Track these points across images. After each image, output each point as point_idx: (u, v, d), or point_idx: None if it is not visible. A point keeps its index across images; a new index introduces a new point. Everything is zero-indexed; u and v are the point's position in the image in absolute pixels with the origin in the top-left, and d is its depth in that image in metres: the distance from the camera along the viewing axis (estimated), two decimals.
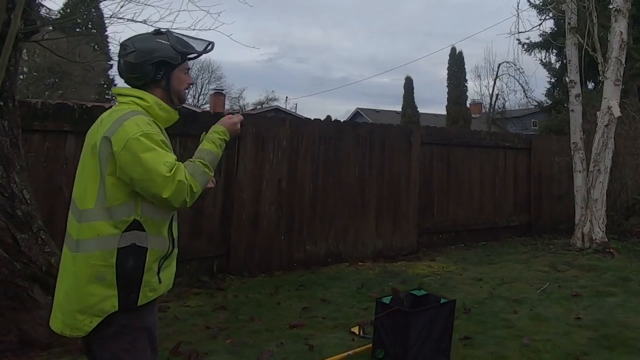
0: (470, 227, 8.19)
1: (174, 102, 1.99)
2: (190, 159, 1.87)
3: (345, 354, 3.36)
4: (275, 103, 37.40)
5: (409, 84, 37.03)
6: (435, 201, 7.89)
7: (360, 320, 4.17)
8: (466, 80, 33.92)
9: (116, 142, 1.75)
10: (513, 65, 23.37)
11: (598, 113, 7.12)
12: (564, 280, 5.37)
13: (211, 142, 1.95)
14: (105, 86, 24.91)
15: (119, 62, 1.96)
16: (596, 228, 6.94)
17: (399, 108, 36.03)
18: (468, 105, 34.08)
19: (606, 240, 6.92)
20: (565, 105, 18.50)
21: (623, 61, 7.05)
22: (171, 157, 1.79)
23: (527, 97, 23.55)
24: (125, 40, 1.95)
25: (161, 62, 1.91)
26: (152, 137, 1.78)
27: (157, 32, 1.99)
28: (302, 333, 3.94)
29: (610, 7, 7.48)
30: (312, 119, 6.71)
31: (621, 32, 6.99)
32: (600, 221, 6.94)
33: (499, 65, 24.94)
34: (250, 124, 6.14)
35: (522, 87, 23.40)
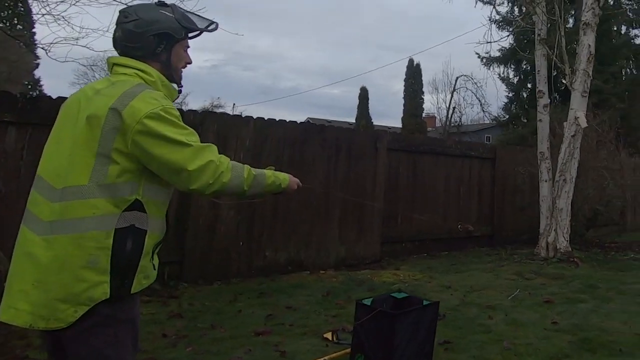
0: (434, 236, 8.33)
1: (171, 80, 1.91)
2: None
3: (321, 359, 3.27)
4: (221, 110, 37.05)
5: (364, 95, 37.79)
6: (400, 209, 7.96)
7: (330, 327, 4.09)
8: (423, 93, 35.01)
9: (129, 116, 1.64)
10: (471, 79, 24.34)
11: (565, 123, 7.47)
12: (533, 287, 5.52)
13: (272, 174, 1.95)
14: (29, 86, 23.94)
15: (115, 30, 1.85)
16: (561, 237, 7.23)
17: (351, 119, 36.57)
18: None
19: (570, 249, 7.22)
20: (523, 119, 19.56)
21: (590, 73, 7.47)
22: (196, 136, 1.73)
23: (483, 111, 24.52)
24: (126, 8, 1.88)
25: (163, 34, 1.85)
26: (172, 112, 1.70)
27: (161, 4, 1.91)
28: (270, 340, 3.82)
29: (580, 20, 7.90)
30: (278, 119, 6.61)
31: (589, 45, 7.40)
32: (564, 230, 7.24)
33: (457, 78, 25.91)
34: (212, 122, 6.00)
35: (479, 100, 24.36)
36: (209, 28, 2.00)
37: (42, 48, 5.74)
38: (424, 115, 35.68)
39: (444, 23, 46.27)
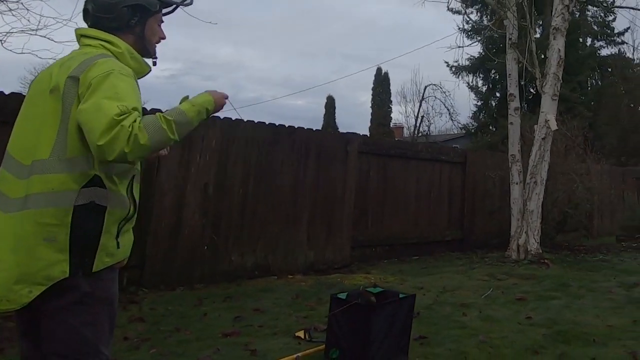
0: (405, 241, 8.39)
1: (145, 53, 1.90)
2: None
3: (294, 355, 3.24)
4: None
5: (330, 104, 38.03)
6: (370, 213, 8.02)
7: (302, 327, 4.06)
8: (391, 102, 35.50)
9: (84, 82, 1.61)
10: (440, 88, 24.83)
11: (535, 126, 7.73)
12: (505, 287, 5.63)
13: (190, 104, 1.73)
14: None
15: (87, 2, 1.84)
16: (531, 239, 7.43)
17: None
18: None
19: (540, 251, 7.43)
20: (491, 128, 20.08)
21: (560, 77, 7.77)
22: (133, 102, 1.61)
23: (452, 119, 24.98)
24: None
25: (137, 6, 1.84)
26: (121, 77, 1.64)
27: None
28: (239, 340, 3.75)
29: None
30: (246, 120, 6.57)
31: (559, 49, 7.71)
32: (535, 232, 7.45)
33: (426, 87, 26.35)
34: None
35: (448, 109, 24.83)
36: (184, 3, 2.00)
37: None
38: (391, 125, 36.14)
39: (413, 34, 47.15)
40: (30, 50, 5.74)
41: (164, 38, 1.98)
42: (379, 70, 35.73)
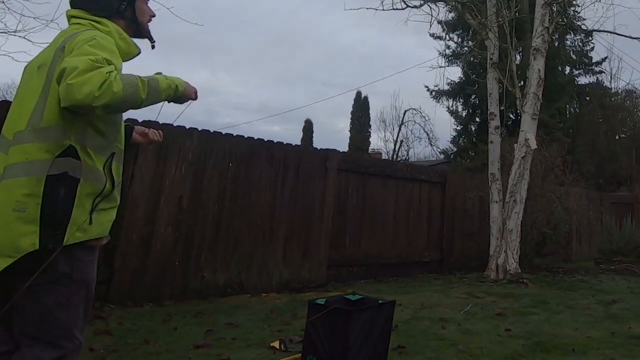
0: (382, 261, 8.42)
1: (139, 35, 1.99)
2: None
3: None
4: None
5: (308, 128, 38.31)
6: (348, 232, 8.05)
7: (277, 339, 4.04)
8: (370, 126, 35.94)
9: (68, 48, 1.68)
10: (419, 112, 25.33)
11: (515, 145, 7.97)
12: (484, 304, 5.71)
13: (164, 77, 1.81)
14: None
15: None
16: (510, 259, 7.56)
17: None
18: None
19: (519, 271, 7.56)
20: (471, 153, 20.48)
21: (540, 97, 8.05)
22: (112, 58, 1.68)
23: (431, 144, 25.46)
24: None
25: None
26: (103, 44, 1.71)
27: None
28: (212, 352, 3.72)
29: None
30: (224, 133, 6.60)
31: (539, 69, 8.03)
32: (514, 252, 7.59)
33: (405, 111, 26.86)
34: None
35: (427, 134, 25.32)
36: None
37: None
38: (370, 150, 36.51)
39: (393, 61, 48.06)
40: (7, 52, 5.72)
41: (153, 15, 2.06)
42: (358, 94, 36.28)
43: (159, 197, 5.90)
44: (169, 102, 1.85)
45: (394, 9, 9.14)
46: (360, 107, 36.04)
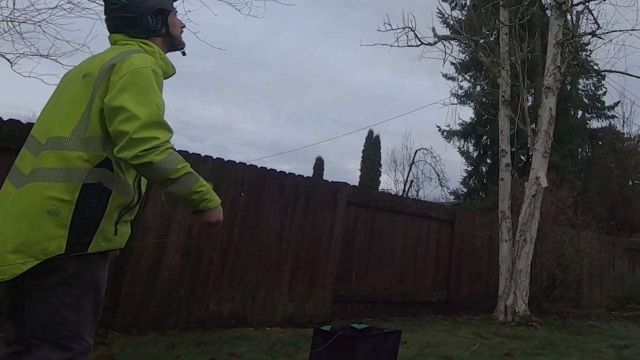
0: (389, 299, 8.32)
1: (174, 47, 2.12)
2: None
3: None
4: None
5: (319, 165, 38.51)
6: (355, 267, 8.00)
7: None
8: (380, 165, 36.05)
9: (120, 69, 1.78)
10: (430, 153, 25.44)
11: (526, 183, 7.97)
12: (491, 345, 5.61)
13: (208, 188, 1.97)
14: None
15: (107, 20, 2.04)
16: (519, 300, 7.45)
17: None
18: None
19: (528, 313, 7.43)
20: (481, 194, 20.43)
21: (551, 135, 8.10)
22: (161, 111, 1.81)
23: (441, 185, 25.44)
24: None
25: (158, 10, 2.03)
26: (157, 77, 1.84)
27: None
28: None
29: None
30: (237, 162, 6.71)
31: (550, 107, 8.10)
32: (523, 293, 7.48)
33: (416, 151, 26.99)
34: None
35: (438, 174, 25.35)
36: None
37: (7, 60, 5.73)
38: (379, 189, 36.47)
39: (405, 103, 48.52)
40: (38, 74, 5.93)
41: (184, 27, 2.18)
42: (370, 132, 36.53)
43: (169, 224, 5.95)
44: (190, 207, 1.92)
45: (408, 45, 9.33)
46: (372, 146, 36.23)
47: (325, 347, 3.10)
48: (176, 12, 2.17)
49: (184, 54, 2.20)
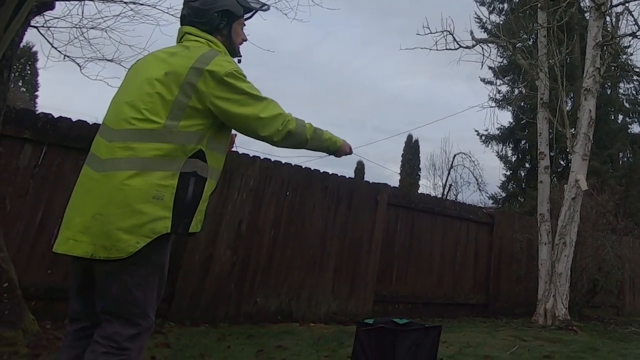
0: (428, 300, 8.27)
1: (231, 53, 2.22)
2: None
3: None
4: None
5: (360, 169, 38.44)
6: (395, 267, 7.99)
7: None
8: (419, 169, 35.72)
9: (210, 75, 1.93)
10: (469, 157, 25.01)
11: (565, 186, 7.77)
12: (531, 347, 5.51)
13: (329, 133, 2.26)
14: None
15: (183, 8, 2.18)
16: (559, 304, 7.27)
17: None
18: None
19: (569, 317, 7.24)
20: (520, 198, 19.99)
21: (591, 137, 7.87)
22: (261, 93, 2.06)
23: (480, 189, 24.95)
24: None
25: (225, 11, 2.16)
26: (242, 73, 2.02)
27: None
28: None
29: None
30: (283, 162, 6.84)
31: (590, 110, 7.88)
32: (563, 297, 7.29)
33: (455, 155, 26.58)
34: None
35: (476, 179, 24.88)
36: (263, 8, 2.33)
37: (77, 64, 6.06)
38: (418, 193, 36.08)
39: (443, 108, 47.94)
40: (103, 77, 6.24)
41: (245, 40, 2.30)
42: (409, 137, 36.30)
43: (220, 221, 6.13)
44: (329, 154, 2.28)
45: (447, 49, 9.27)
46: (411, 150, 36.01)
47: (367, 338, 3.15)
48: (244, 24, 2.29)
49: (239, 61, 2.30)
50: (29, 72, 24.80)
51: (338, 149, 2.27)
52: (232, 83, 1.95)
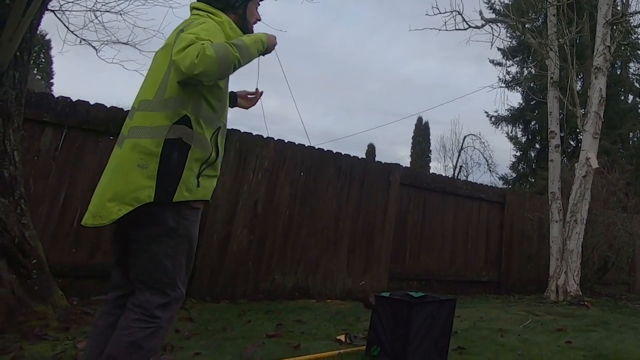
0: (441, 277, 8.29)
1: (244, 32, 2.18)
2: None
3: (337, 352, 3.32)
4: None
5: (371, 151, 38.36)
6: (408, 246, 8.02)
7: (343, 333, 4.13)
8: (430, 151, 35.54)
9: (177, 36, 1.91)
10: (478, 138, 24.83)
11: (576, 164, 7.70)
12: (544, 321, 5.52)
13: (250, 38, 2.04)
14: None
15: None
16: (571, 280, 7.26)
17: None
18: None
19: (580, 293, 7.23)
20: (530, 179, 19.83)
21: (601, 115, 7.76)
22: (214, 38, 1.89)
23: (490, 171, 24.78)
24: None
25: None
26: (208, 28, 1.93)
27: None
28: (283, 341, 3.86)
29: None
30: (297, 143, 6.85)
31: (600, 88, 7.77)
32: (575, 273, 7.28)
33: (465, 137, 26.39)
34: (235, 140, 6.21)
35: (487, 160, 24.71)
36: None
37: (94, 47, 6.07)
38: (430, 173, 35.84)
39: (452, 91, 47.33)
40: (119, 60, 6.24)
41: (259, 20, 2.29)
42: (419, 119, 36.06)
43: (237, 201, 6.17)
44: (263, 55, 2.09)
45: (456, 29, 9.15)
46: (421, 132, 35.81)
47: (384, 311, 3.18)
48: (259, 3, 2.27)
49: None
50: (43, 60, 24.93)
51: (268, 46, 2.09)
52: (192, 26, 1.92)
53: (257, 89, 2.42)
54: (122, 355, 1.78)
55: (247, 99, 2.43)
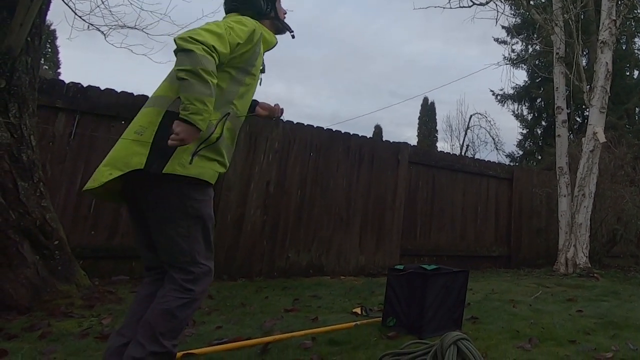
0: (451, 252, 8.30)
1: (280, 31, 2.30)
2: None
3: (354, 323, 3.35)
4: None
5: (378, 132, 38.17)
6: (419, 223, 8.02)
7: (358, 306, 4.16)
8: (437, 131, 35.29)
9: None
10: (485, 117, 24.61)
11: (583, 139, 7.62)
12: (554, 293, 5.53)
13: (206, 111, 1.85)
14: None
15: (226, 1, 2.25)
16: (580, 253, 7.23)
17: None
18: None
19: (589, 265, 7.20)
20: (537, 156, 19.68)
21: (608, 90, 7.65)
22: (208, 39, 1.85)
23: (497, 149, 24.60)
24: None
25: None
26: (212, 29, 1.91)
27: None
28: (300, 315, 3.90)
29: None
30: (306, 124, 6.83)
31: (607, 62, 7.65)
32: (584, 246, 7.25)
33: (471, 116, 26.16)
34: (245, 123, 6.18)
35: (493, 138, 24.51)
36: None
37: (102, 32, 6.03)
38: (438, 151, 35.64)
39: (457, 71, 46.77)
40: (127, 45, 6.19)
41: (285, 12, 2.35)
42: (425, 99, 35.78)
43: (249, 182, 6.19)
44: (183, 120, 1.82)
45: (460, 6, 9.03)
46: (427, 113, 35.54)
47: (399, 283, 3.19)
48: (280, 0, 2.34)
49: (293, 36, 2.37)
50: (49, 49, 24.99)
51: (194, 127, 1.78)
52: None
53: (277, 104, 2.43)
54: (157, 322, 1.83)
55: (266, 109, 2.44)
